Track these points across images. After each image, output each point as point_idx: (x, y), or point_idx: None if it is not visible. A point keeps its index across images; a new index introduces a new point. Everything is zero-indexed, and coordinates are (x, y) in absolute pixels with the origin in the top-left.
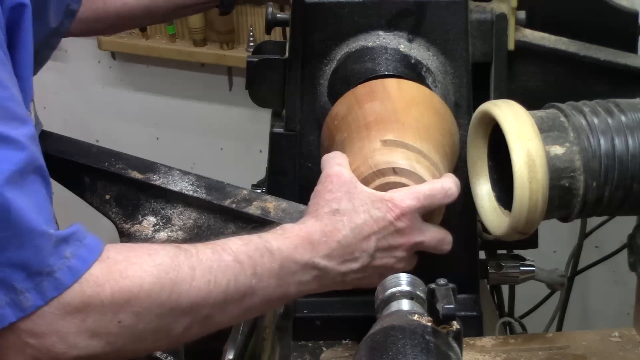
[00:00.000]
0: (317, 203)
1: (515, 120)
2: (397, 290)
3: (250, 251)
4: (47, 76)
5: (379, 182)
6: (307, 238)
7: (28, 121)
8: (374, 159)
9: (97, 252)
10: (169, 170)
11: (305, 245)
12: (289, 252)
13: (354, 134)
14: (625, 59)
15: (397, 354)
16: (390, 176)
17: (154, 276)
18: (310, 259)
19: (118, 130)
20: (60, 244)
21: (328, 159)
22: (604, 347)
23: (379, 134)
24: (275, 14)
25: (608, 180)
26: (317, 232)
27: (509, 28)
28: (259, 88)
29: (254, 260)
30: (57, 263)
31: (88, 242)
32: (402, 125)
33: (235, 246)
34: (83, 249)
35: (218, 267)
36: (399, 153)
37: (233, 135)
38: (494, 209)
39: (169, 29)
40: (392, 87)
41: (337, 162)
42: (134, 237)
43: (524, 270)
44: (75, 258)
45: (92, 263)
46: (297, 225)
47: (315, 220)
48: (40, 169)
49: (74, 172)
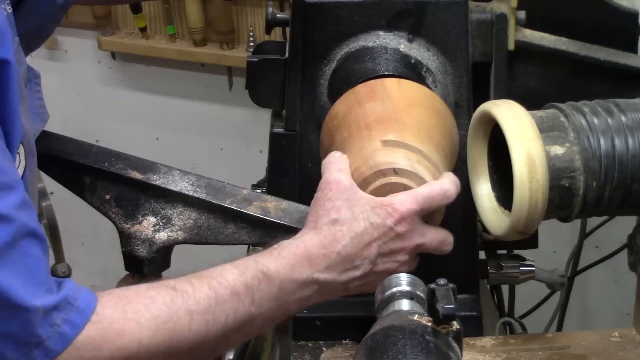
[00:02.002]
0: (317, 212)
1: (515, 120)
2: (397, 290)
3: (247, 280)
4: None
5: (379, 182)
6: (305, 254)
7: (15, 187)
8: (375, 160)
9: (90, 313)
10: (169, 170)
11: (303, 262)
12: (286, 273)
13: (354, 134)
14: (625, 59)
15: (397, 354)
16: (391, 177)
17: (152, 329)
18: (310, 276)
19: (118, 130)
20: (50, 313)
21: (328, 164)
22: (604, 347)
23: (379, 134)
24: (275, 14)
25: (608, 180)
26: (316, 245)
27: (509, 28)
28: (259, 88)
29: (251, 288)
30: (46, 332)
31: (79, 305)
32: (402, 126)
33: (232, 277)
34: (74, 313)
35: (216, 304)
36: (400, 153)
37: (233, 135)
38: (494, 209)
39: (169, 29)
40: (393, 87)
41: (337, 168)
42: (134, 237)
43: (524, 270)
44: (66, 324)
45: (84, 326)
46: (295, 241)
47: (313, 233)
48: (32, 233)
49: (74, 172)
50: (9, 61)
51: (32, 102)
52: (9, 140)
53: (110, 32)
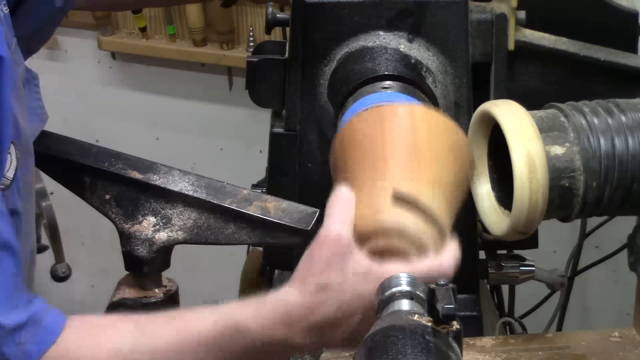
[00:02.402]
0: (307, 271)
1: (515, 120)
2: (397, 290)
3: (217, 332)
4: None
5: (381, 241)
6: (285, 316)
7: None
8: (382, 216)
9: (56, 333)
10: (169, 170)
11: (281, 325)
12: (262, 332)
13: (368, 167)
14: (625, 59)
15: (397, 354)
16: (393, 239)
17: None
18: (284, 338)
19: (118, 130)
20: (15, 332)
21: (333, 207)
22: (604, 347)
23: (394, 180)
24: (275, 14)
25: (608, 180)
26: (297, 308)
27: (509, 28)
28: (259, 88)
29: (219, 341)
30: (11, 350)
31: (46, 324)
32: (419, 174)
33: (202, 325)
34: (40, 333)
35: (179, 350)
36: (409, 216)
37: (233, 135)
38: (494, 209)
39: (169, 29)
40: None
41: (341, 218)
42: (134, 237)
43: (524, 270)
44: (31, 343)
45: (49, 347)
46: (277, 298)
47: (298, 295)
48: (4, 245)
49: (74, 172)
50: (3, 58)
51: (31, 103)
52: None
53: (110, 32)
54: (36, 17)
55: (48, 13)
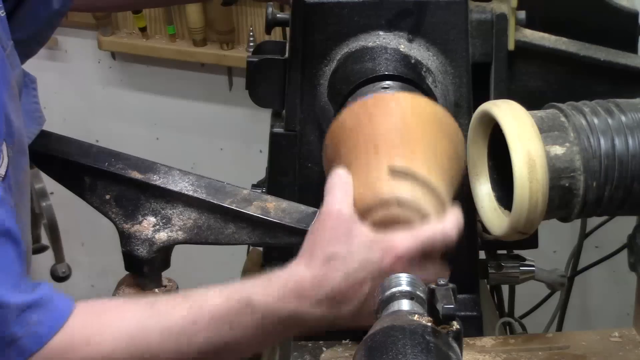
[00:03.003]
0: (313, 243)
1: (515, 121)
2: (397, 290)
3: (230, 306)
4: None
5: (381, 213)
6: (295, 289)
7: None
8: (380, 189)
9: (65, 316)
10: (169, 170)
11: (291, 297)
12: (273, 305)
13: (361, 153)
14: (625, 59)
15: (397, 354)
16: (394, 208)
17: (123, 343)
18: (295, 310)
19: (118, 130)
20: (25, 311)
21: (331, 189)
22: (604, 347)
23: (387, 158)
24: (275, 14)
25: (608, 180)
26: (307, 280)
27: (509, 28)
28: (259, 88)
29: (231, 316)
30: (20, 330)
31: (55, 306)
32: (412, 151)
33: (214, 302)
34: (49, 315)
35: (191, 327)
36: (406, 185)
37: (233, 135)
38: (494, 209)
39: (169, 29)
40: (406, 104)
41: (340, 196)
42: (134, 237)
43: (524, 270)
44: (41, 324)
45: (59, 329)
46: (286, 272)
47: (306, 267)
48: (6, 233)
49: (74, 172)
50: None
51: (28, 107)
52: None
53: (110, 32)
54: (34, 20)
55: (46, 16)
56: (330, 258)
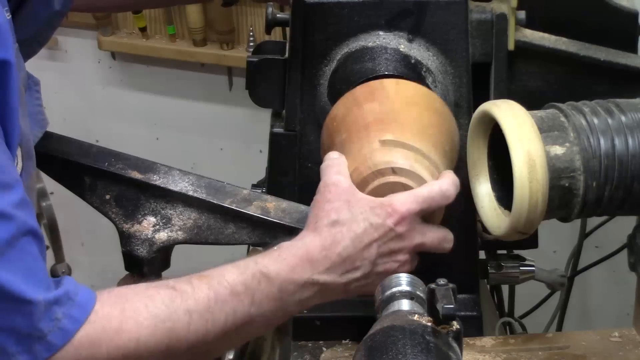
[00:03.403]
0: (316, 215)
1: (515, 121)
2: (397, 290)
3: (247, 280)
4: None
5: (377, 182)
6: (306, 256)
7: (15, 185)
8: (373, 160)
9: (89, 309)
10: (169, 170)
11: (304, 264)
12: (287, 274)
13: (353, 135)
14: (625, 59)
15: (397, 354)
16: (389, 176)
17: (151, 328)
18: (310, 277)
19: (118, 130)
20: (51, 307)
21: (326, 167)
22: (604, 347)
23: (378, 134)
24: (275, 14)
25: (608, 180)
26: (317, 247)
27: (509, 28)
28: (259, 88)
29: (251, 289)
30: (47, 326)
31: (80, 300)
32: (401, 125)
33: (232, 277)
34: (75, 308)
35: (215, 304)
36: (398, 153)
37: (233, 135)
38: (494, 209)
39: (169, 29)
40: (391, 87)
41: (336, 170)
42: (134, 237)
43: (524, 270)
44: (67, 318)
45: (85, 321)
46: (295, 242)
47: (314, 235)
48: (31, 231)
49: (74, 172)
50: (9, 62)
51: (32, 109)
52: (8, 140)
53: (110, 32)
54: (35, 21)
55: (47, 16)
56: (336, 223)
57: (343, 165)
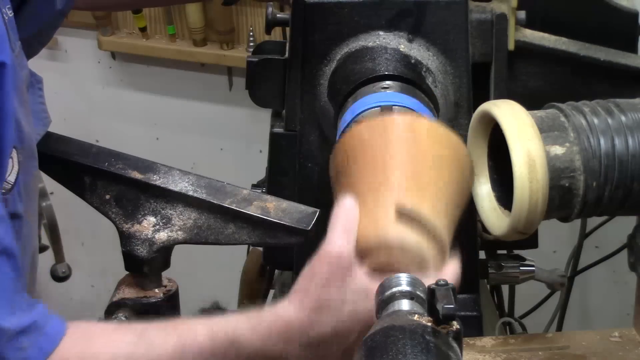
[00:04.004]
0: (307, 287)
1: (515, 120)
2: (397, 290)
3: (216, 346)
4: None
5: (383, 257)
6: (282, 332)
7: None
8: (385, 232)
9: (56, 341)
10: (169, 170)
11: (277, 340)
12: (259, 346)
13: (370, 180)
14: (625, 59)
15: (397, 354)
16: (395, 255)
17: None
18: (281, 353)
19: (118, 130)
20: (18, 336)
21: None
22: (604, 347)
23: (396, 194)
24: (275, 14)
25: (608, 180)
26: (296, 325)
27: (509, 28)
28: (259, 88)
29: (217, 356)
30: (12, 355)
31: (48, 331)
32: (422, 192)
33: (200, 339)
34: (42, 338)
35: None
36: (412, 232)
37: (233, 135)
38: (494, 209)
39: (169, 29)
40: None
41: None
42: (134, 237)
43: (524, 270)
44: (33, 348)
45: (50, 353)
46: (275, 313)
47: (296, 311)
48: (5, 251)
49: (74, 172)
50: (5, 64)
51: (34, 107)
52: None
53: (110, 32)
54: (37, 19)
55: (49, 16)
56: (322, 306)
57: (354, 224)
